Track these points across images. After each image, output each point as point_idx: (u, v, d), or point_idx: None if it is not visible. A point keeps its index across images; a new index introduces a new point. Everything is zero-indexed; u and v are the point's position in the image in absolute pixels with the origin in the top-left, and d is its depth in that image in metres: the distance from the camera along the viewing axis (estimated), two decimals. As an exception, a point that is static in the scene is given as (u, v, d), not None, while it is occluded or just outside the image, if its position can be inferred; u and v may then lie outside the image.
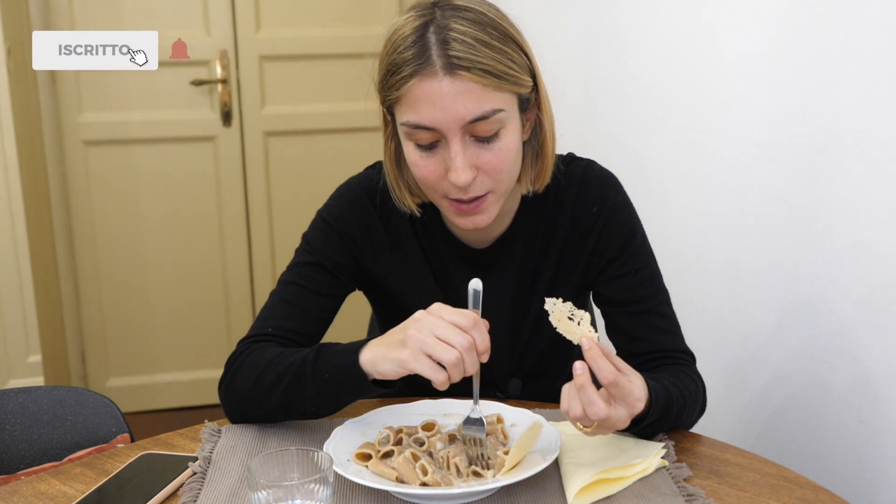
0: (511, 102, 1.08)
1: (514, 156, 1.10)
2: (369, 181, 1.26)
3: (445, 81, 1.03)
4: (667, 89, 1.87)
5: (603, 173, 1.25)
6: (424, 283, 1.26)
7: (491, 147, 1.07)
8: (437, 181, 1.10)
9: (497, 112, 1.06)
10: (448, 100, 1.03)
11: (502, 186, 1.12)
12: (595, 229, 1.22)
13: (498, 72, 1.04)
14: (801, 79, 1.45)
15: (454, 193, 1.10)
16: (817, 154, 1.42)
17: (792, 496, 0.99)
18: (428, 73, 1.03)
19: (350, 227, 1.24)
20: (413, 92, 1.05)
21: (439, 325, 0.98)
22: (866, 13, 1.30)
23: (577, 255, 1.24)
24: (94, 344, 3.11)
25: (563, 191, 1.23)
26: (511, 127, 1.09)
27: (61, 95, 2.94)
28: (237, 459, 1.08)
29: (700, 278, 1.79)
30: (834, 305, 1.41)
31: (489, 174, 1.09)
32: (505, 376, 1.30)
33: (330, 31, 3.08)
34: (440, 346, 0.97)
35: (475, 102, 1.04)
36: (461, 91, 1.03)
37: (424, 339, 0.98)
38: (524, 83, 1.09)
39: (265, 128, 3.10)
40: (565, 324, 0.99)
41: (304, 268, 1.23)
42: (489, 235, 1.24)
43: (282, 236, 3.18)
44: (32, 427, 1.41)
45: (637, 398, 0.98)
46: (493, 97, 1.05)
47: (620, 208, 1.23)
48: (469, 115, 1.04)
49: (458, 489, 0.96)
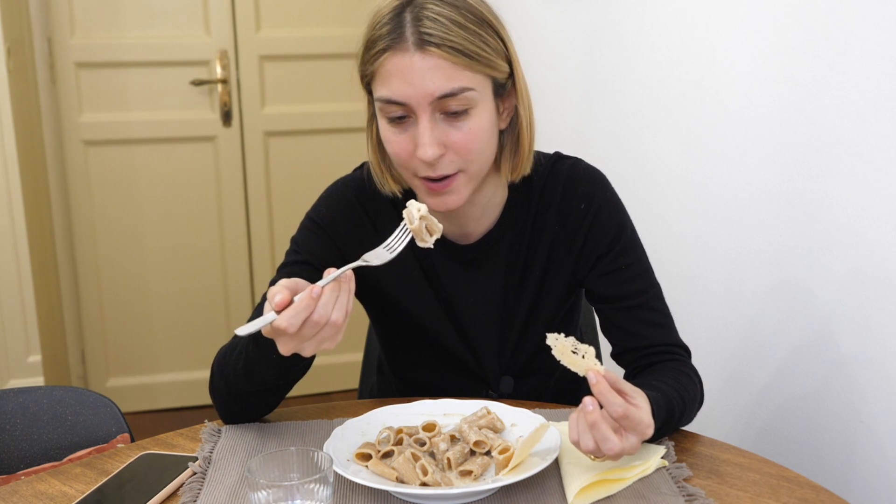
0: (483, 84, 1.10)
1: (484, 137, 1.12)
2: (356, 180, 1.27)
3: (416, 57, 1.06)
4: (667, 89, 1.87)
5: (590, 170, 1.26)
6: (414, 281, 1.27)
7: (460, 126, 1.09)
8: (408, 158, 1.12)
9: (466, 90, 1.08)
10: (418, 75, 1.06)
11: (473, 167, 1.12)
12: (584, 226, 1.23)
13: (469, 51, 1.07)
14: (801, 78, 1.45)
15: (423, 171, 1.11)
16: (817, 154, 1.42)
17: (792, 496, 0.99)
18: (400, 49, 1.07)
19: (337, 226, 1.25)
20: (385, 66, 1.08)
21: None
22: (866, 13, 1.30)
23: (567, 253, 1.24)
24: (94, 344, 3.11)
25: (549, 189, 1.24)
26: (482, 108, 1.11)
27: (61, 95, 2.94)
28: (237, 459, 1.08)
29: (700, 278, 1.79)
30: (835, 306, 1.41)
31: (458, 153, 1.10)
32: (496, 374, 1.30)
33: (330, 31, 3.08)
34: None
35: (444, 79, 1.06)
36: (431, 67, 1.06)
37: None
38: (498, 67, 1.11)
39: (265, 128, 3.10)
40: (569, 357, 0.98)
41: (292, 267, 1.24)
42: (475, 231, 1.25)
43: (282, 236, 3.18)
44: (32, 427, 1.41)
45: (647, 425, 0.98)
46: (462, 76, 1.07)
47: (609, 204, 1.24)
48: (437, 91, 1.07)
49: (458, 489, 0.96)
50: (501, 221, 1.25)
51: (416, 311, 1.27)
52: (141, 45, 2.96)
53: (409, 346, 1.32)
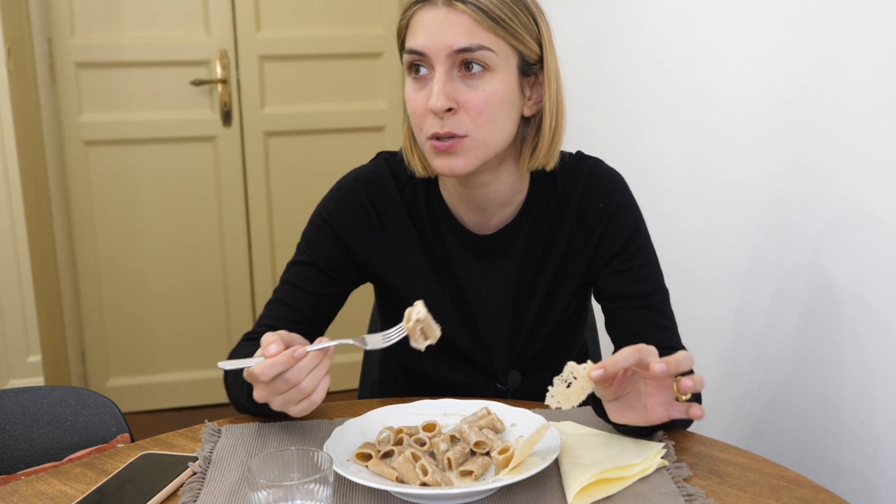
0: (505, 52, 1.12)
1: (496, 104, 1.12)
2: (368, 173, 1.28)
3: (442, 11, 1.10)
4: (667, 89, 1.87)
5: (610, 171, 1.28)
6: (424, 270, 1.27)
7: (474, 85, 1.11)
8: (422, 116, 1.13)
9: (484, 49, 1.10)
10: (441, 26, 1.10)
11: (481, 132, 1.12)
12: (601, 224, 1.24)
13: (495, 15, 1.09)
14: (800, 78, 1.45)
15: (433, 127, 1.12)
16: (817, 154, 1.42)
17: (792, 496, 0.99)
18: (431, 3, 1.11)
19: (345, 223, 1.26)
20: (414, 19, 1.13)
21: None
22: (866, 13, 1.30)
23: (582, 250, 1.25)
24: (94, 344, 3.11)
25: (571, 186, 1.25)
26: (501, 76, 1.12)
27: (61, 95, 2.94)
28: (237, 459, 1.08)
29: (700, 277, 1.79)
30: (835, 306, 1.41)
31: (469, 113, 1.11)
32: (504, 367, 1.30)
33: (330, 31, 3.08)
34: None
35: (464, 34, 1.09)
36: (454, 21, 1.09)
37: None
38: (526, 42, 1.13)
39: (265, 128, 3.10)
40: (566, 393, 1.00)
41: (299, 267, 1.27)
42: (494, 222, 1.25)
43: (282, 236, 3.18)
44: (32, 427, 1.41)
45: (655, 351, 0.99)
46: (484, 35, 1.10)
47: (626, 205, 1.25)
48: (456, 44, 1.09)
49: (458, 489, 0.96)
50: (522, 213, 1.26)
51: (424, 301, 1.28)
52: (141, 45, 2.96)
53: None
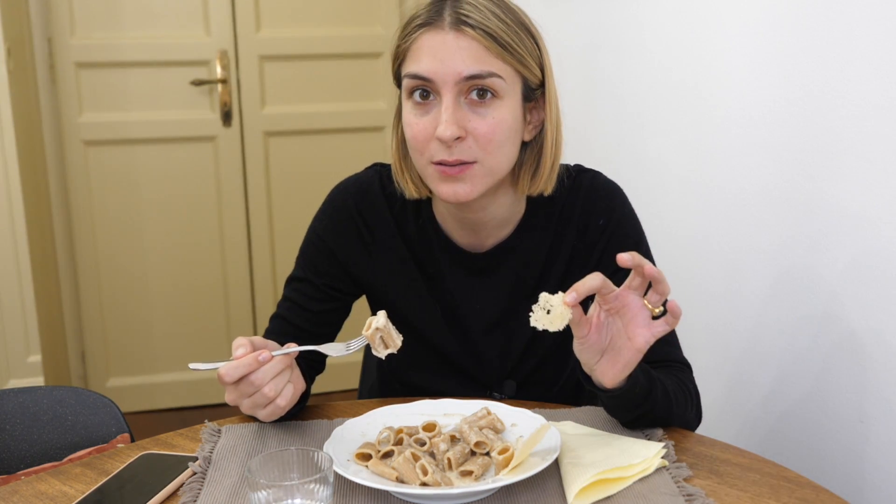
0: (512, 78, 1.11)
1: (505, 131, 1.11)
2: (359, 184, 1.27)
3: (451, 35, 1.08)
4: (667, 90, 1.87)
5: (609, 185, 1.26)
6: (416, 285, 1.26)
7: (483, 113, 1.09)
8: (426, 141, 1.10)
9: (494, 76, 1.08)
10: (449, 52, 1.07)
11: (490, 160, 1.11)
12: (601, 241, 1.23)
13: (503, 41, 1.08)
14: (800, 79, 1.45)
15: (440, 154, 1.10)
16: (817, 154, 1.42)
17: (792, 496, 0.99)
18: (436, 27, 1.09)
19: (337, 237, 1.26)
20: (418, 43, 1.10)
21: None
22: (866, 12, 1.30)
23: (582, 266, 1.24)
24: (94, 344, 3.11)
25: (569, 204, 1.24)
26: (507, 102, 1.10)
27: (61, 95, 2.94)
28: (237, 459, 1.08)
29: (700, 279, 1.79)
30: (836, 306, 1.41)
31: (478, 141, 1.09)
32: (499, 379, 1.30)
33: (330, 31, 3.08)
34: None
35: (474, 61, 1.07)
36: (463, 47, 1.07)
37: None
38: (530, 67, 1.12)
39: (265, 128, 3.10)
40: (548, 318, 0.98)
41: (298, 283, 1.28)
42: (489, 242, 1.24)
43: (282, 236, 3.18)
44: (32, 427, 1.41)
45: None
46: (493, 62, 1.08)
47: (627, 220, 1.25)
48: (466, 71, 1.07)
49: (458, 489, 0.96)
50: (518, 232, 1.24)
51: (415, 316, 1.27)
52: (141, 45, 2.96)
53: (410, 349, 1.32)
